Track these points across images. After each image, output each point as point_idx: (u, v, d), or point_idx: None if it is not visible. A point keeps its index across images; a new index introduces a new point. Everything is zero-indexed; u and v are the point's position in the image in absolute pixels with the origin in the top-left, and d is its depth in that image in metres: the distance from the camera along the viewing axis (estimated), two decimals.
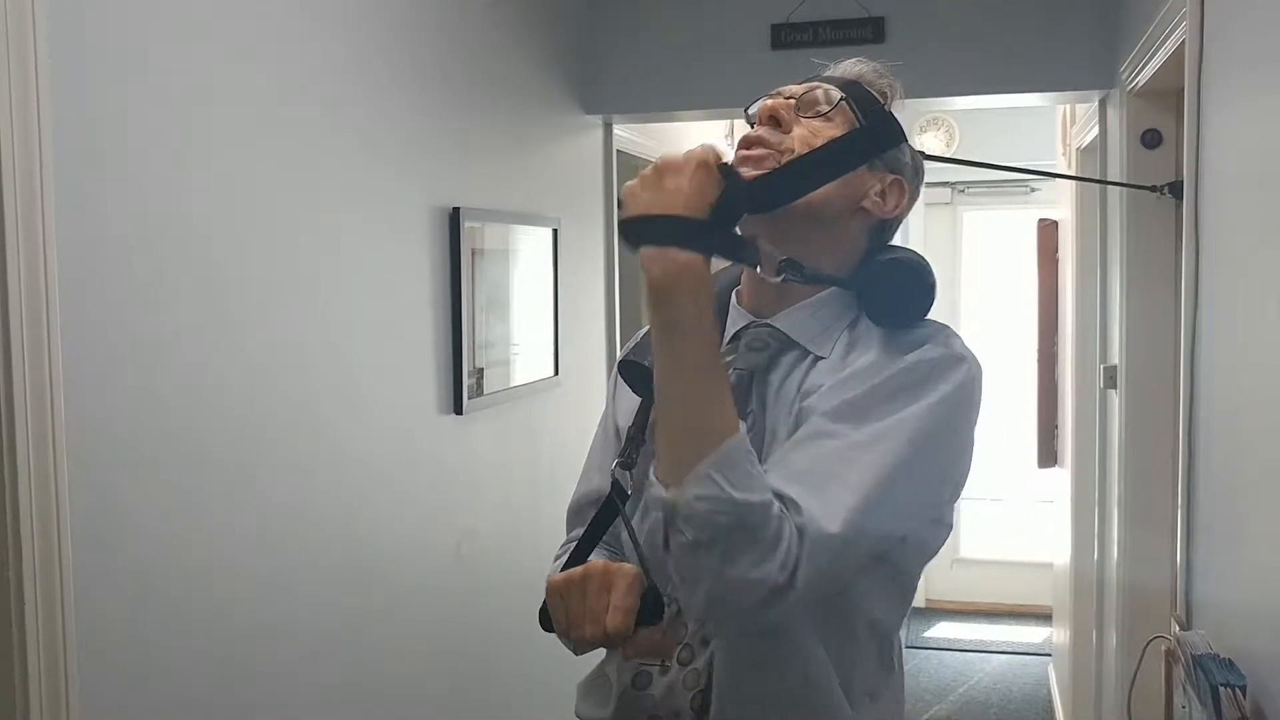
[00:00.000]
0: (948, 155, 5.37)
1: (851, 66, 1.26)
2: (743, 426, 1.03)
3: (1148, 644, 2.09)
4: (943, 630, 5.77)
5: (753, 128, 1.21)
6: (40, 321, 1.42)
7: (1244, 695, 1.51)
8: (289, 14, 1.99)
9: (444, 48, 2.57)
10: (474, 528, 2.68)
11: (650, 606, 1.03)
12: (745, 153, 1.19)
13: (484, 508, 2.75)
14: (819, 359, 1.18)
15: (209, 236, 1.76)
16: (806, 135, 1.18)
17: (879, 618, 1.17)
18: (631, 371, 1.20)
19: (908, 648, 5.48)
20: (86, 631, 1.49)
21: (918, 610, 6.04)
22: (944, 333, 1.17)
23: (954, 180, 6.15)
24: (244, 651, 1.84)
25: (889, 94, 1.24)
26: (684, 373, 1.02)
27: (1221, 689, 1.51)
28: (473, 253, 2.63)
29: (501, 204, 2.85)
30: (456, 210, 2.57)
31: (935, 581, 6.13)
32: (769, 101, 1.21)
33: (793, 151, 1.17)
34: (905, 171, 1.23)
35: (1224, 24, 1.87)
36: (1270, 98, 1.59)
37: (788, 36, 3.30)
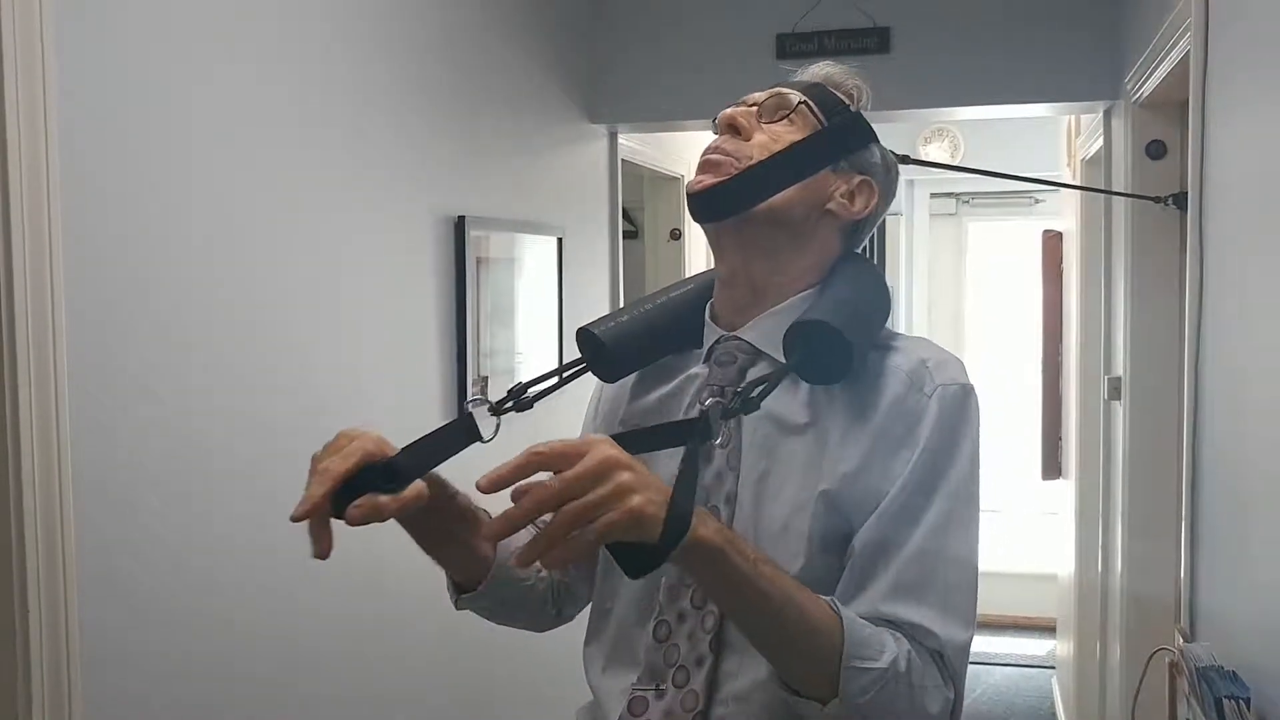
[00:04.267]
0: (952, 166, 5.37)
1: (819, 69, 1.25)
2: (831, 600, 1.03)
3: (1151, 656, 2.08)
4: None
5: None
6: (46, 330, 1.42)
7: (1248, 707, 1.51)
8: (296, 25, 1.99)
9: (449, 57, 2.58)
10: None
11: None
12: (705, 161, 1.18)
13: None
14: (799, 381, 1.15)
15: (215, 245, 1.77)
16: (767, 141, 1.17)
17: None
18: (587, 340, 1.22)
19: None
20: (90, 636, 1.49)
21: None
22: (932, 353, 1.14)
23: (959, 191, 6.14)
24: (247, 658, 1.84)
25: (856, 95, 1.23)
26: (760, 600, 0.98)
27: (1225, 701, 1.51)
28: (478, 261, 2.63)
29: (506, 213, 2.85)
30: (461, 219, 2.57)
31: None
32: (729, 110, 1.20)
33: (752, 158, 1.16)
34: (874, 172, 1.21)
35: (1228, 35, 1.87)
36: (1275, 108, 1.59)
37: (793, 46, 3.30)
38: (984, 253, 6.35)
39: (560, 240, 3.14)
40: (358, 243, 2.19)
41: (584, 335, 1.24)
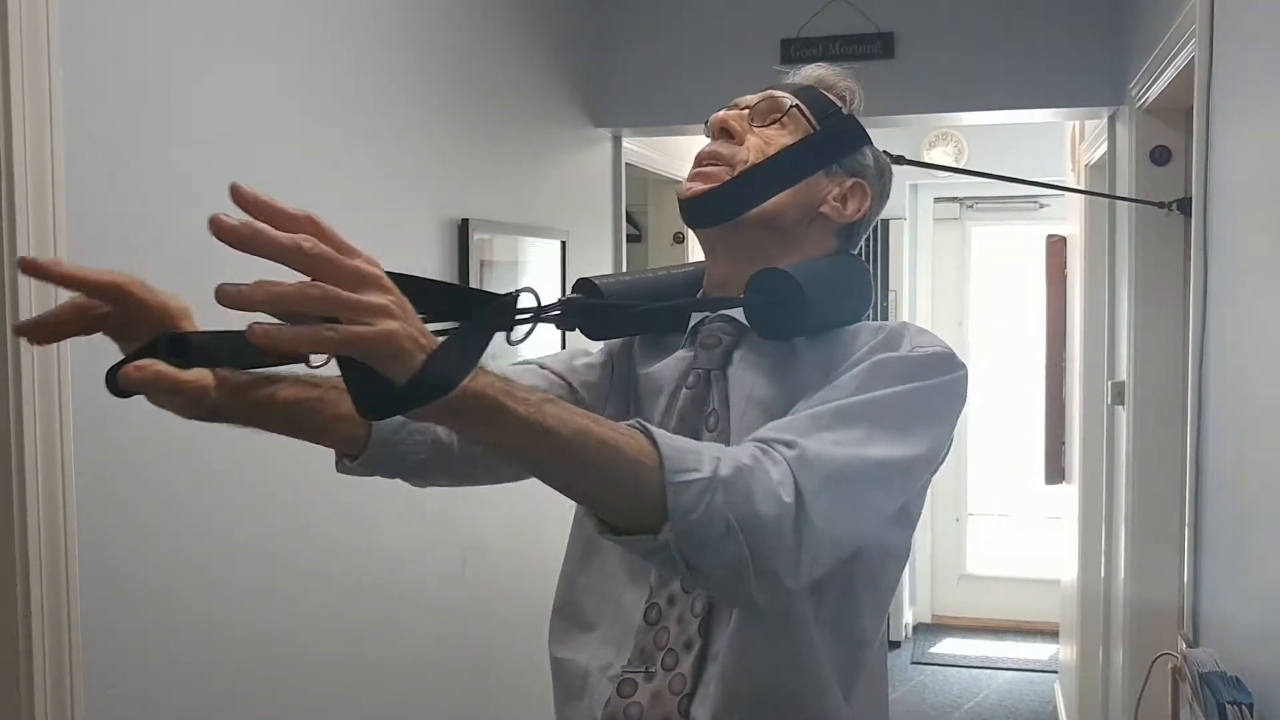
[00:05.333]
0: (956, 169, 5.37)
1: (812, 71, 1.24)
2: (637, 421, 0.95)
3: (1154, 661, 2.08)
4: (949, 646, 5.75)
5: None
6: None
7: (1251, 713, 1.50)
8: (300, 28, 2.00)
9: (453, 61, 2.58)
10: (479, 541, 2.68)
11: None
12: (698, 169, 1.18)
13: (489, 521, 2.75)
14: (782, 356, 1.15)
15: (218, 246, 1.76)
16: (760, 144, 1.17)
17: (862, 627, 1.14)
18: (585, 291, 1.19)
19: (913, 664, 5.46)
20: (91, 636, 1.49)
21: (924, 626, 6.03)
22: (923, 332, 1.13)
23: (963, 195, 6.15)
24: (248, 662, 1.84)
25: (849, 97, 1.22)
26: (552, 443, 0.87)
27: (1229, 707, 1.51)
28: (481, 264, 2.64)
29: (510, 216, 2.85)
30: (465, 222, 2.58)
31: (942, 597, 6.11)
32: (721, 113, 1.20)
33: (746, 162, 1.16)
34: (867, 174, 1.21)
35: (1233, 41, 1.87)
36: (1279, 114, 1.59)
37: (797, 51, 3.30)
38: (987, 257, 6.35)
39: (564, 243, 3.14)
40: (361, 245, 2.18)
41: (583, 285, 1.21)
